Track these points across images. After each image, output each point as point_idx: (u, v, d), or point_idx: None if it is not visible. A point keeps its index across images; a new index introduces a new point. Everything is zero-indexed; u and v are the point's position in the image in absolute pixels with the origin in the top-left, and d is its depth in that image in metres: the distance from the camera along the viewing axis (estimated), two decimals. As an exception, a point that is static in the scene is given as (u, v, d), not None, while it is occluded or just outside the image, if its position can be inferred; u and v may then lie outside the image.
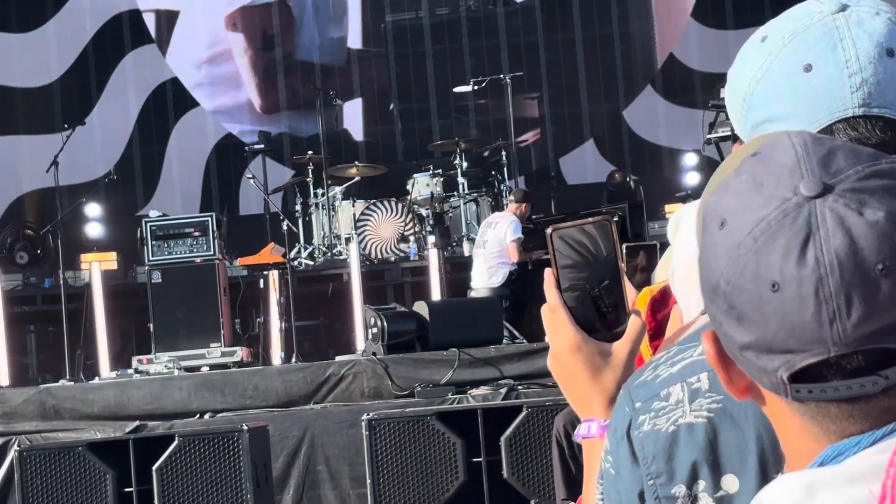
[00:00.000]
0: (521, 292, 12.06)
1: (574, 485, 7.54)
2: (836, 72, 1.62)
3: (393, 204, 13.39)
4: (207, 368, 11.56)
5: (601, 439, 1.76)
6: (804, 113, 1.63)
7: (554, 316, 1.78)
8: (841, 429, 1.23)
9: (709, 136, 12.63)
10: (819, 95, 1.62)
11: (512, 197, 12.63)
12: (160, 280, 12.23)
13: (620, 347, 1.78)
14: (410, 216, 13.35)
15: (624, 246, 5.06)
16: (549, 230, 1.76)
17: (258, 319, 12.68)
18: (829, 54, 1.63)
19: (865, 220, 1.19)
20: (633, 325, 1.78)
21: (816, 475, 1.22)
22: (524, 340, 10.91)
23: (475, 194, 13.57)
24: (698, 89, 15.76)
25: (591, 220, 1.78)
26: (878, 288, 1.18)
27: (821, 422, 1.24)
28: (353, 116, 17.00)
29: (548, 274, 1.77)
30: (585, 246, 1.76)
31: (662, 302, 2.78)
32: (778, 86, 1.65)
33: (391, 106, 14.28)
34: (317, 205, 13.57)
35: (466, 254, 13.34)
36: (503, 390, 9.70)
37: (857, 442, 1.22)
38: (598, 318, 1.77)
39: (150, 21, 16.84)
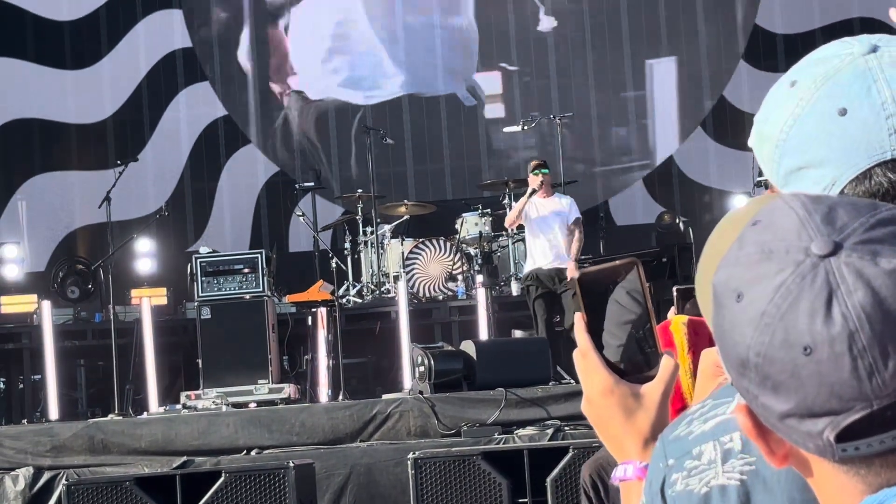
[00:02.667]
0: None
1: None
2: (871, 114, 1.61)
3: (441, 243, 13.41)
4: (255, 405, 11.59)
5: (637, 482, 1.76)
6: (841, 157, 1.62)
7: (586, 360, 1.78)
8: (886, 480, 1.22)
9: (759, 178, 12.58)
10: (856, 139, 1.61)
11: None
12: (209, 316, 12.28)
13: (653, 389, 1.78)
14: (459, 255, 13.37)
15: (675, 289, 5.05)
16: (577, 274, 1.77)
17: (306, 356, 12.71)
18: (863, 97, 1.61)
19: (882, 269, 1.19)
20: (666, 366, 1.78)
21: None
22: (571, 381, 10.89)
23: (523, 234, 13.57)
24: (749, 131, 15.69)
25: (618, 262, 1.78)
26: None
27: (865, 476, 1.23)
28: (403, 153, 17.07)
29: (578, 318, 1.77)
30: (616, 288, 1.77)
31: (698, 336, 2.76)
32: (812, 131, 1.63)
33: (384, 138, 14.38)
34: (365, 243, 13.61)
35: (514, 293, 13.33)
36: (550, 431, 9.68)
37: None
38: (635, 355, 1.77)
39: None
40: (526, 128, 14.53)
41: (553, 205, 12.32)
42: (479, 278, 12.96)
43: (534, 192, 12.27)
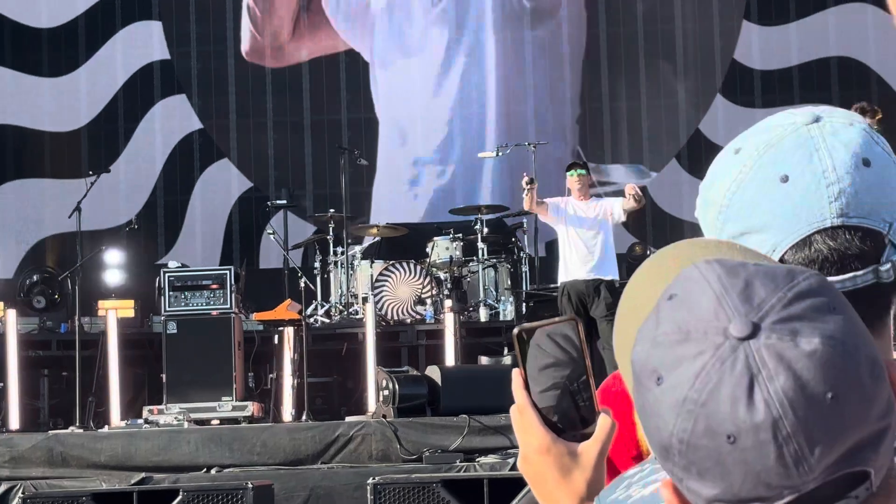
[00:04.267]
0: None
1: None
2: (813, 182, 1.61)
3: (411, 266, 13.40)
4: (218, 422, 11.54)
5: None
6: (782, 224, 1.62)
7: (523, 417, 1.76)
8: None
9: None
10: (797, 206, 1.61)
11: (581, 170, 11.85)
12: (175, 331, 12.24)
13: (590, 448, 1.76)
14: (428, 279, 13.35)
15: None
16: (515, 330, 1.76)
17: (271, 375, 12.66)
18: (805, 164, 1.62)
19: (802, 350, 1.18)
20: (603, 424, 1.76)
21: None
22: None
23: (494, 260, 13.57)
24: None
25: (557, 319, 1.76)
26: (834, 416, 1.17)
27: None
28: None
29: (515, 374, 1.76)
30: (555, 345, 1.76)
31: None
32: (755, 197, 1.63)
33: (358, 158, 14.35)
34: (336, 263, 13.59)
35: (483, 319, 13.31)
36: (511, 460, 9.65)
37: None
38: (572, 413, 1.76)
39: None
40: (500, 153, 14.53)
41: (592, 209, 11.62)
42: (448, 303, 12.94)
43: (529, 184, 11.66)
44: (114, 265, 14.82)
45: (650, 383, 1.23)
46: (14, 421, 12.05)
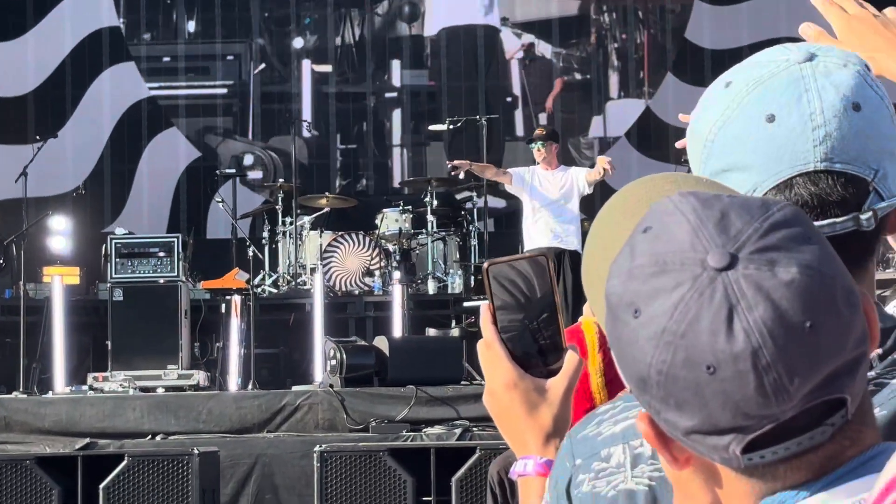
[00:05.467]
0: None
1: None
2: (799, 124, 1.58)
3: (360, 237, 13.37)
4: (163, 390, 11.48)
5: (537, 477, 1.73)
6: (765, 164, 1.59)
7: (490, 352, 1.75)
8: (788, 483, 1.21)
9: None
10: (781, 147, 1.59)
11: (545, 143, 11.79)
12: (121, 298, 12.15)
13: (557, 384, 1.75)
14: (377, 251, 13.32)
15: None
16: (485, 265, 1.75)
17: (217, 344, 12.61)
18: (793, 105, 1.59)
19: (780, 280, 1.17)
20: (570, 361, 1.75)
21: None
22: (483, 382, 10.87)
23: (443, 233, 13.56)
24: (672, 144, 15.78)
25: (526, 254, 1.76)
26: (812, 345, 1.17)
27: (769, 481, 1.22)
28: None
29: (484, 309, 1.74)
30: (523, 281, 1.75)
31: None
32: (739, 134, 1.61)
33: (309, 128, 14.36)
34: (284, 233, 13.54)
35: (431, 292, 13.31)
36: (458, 431, 9.66)
37: (795, 494, 1.20)
38: (537, 352, 1.75)
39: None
40: (451, 126, 14.51)
41: (558, 179, 11.69)
42: (397, 275, 12.93)
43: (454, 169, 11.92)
44: (60, 232, 14.68)
45: (627, 316, 1.22)
46: (-43, 386, 11.95)
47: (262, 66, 14.32)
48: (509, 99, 17.22)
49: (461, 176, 12.09)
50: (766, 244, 1.19)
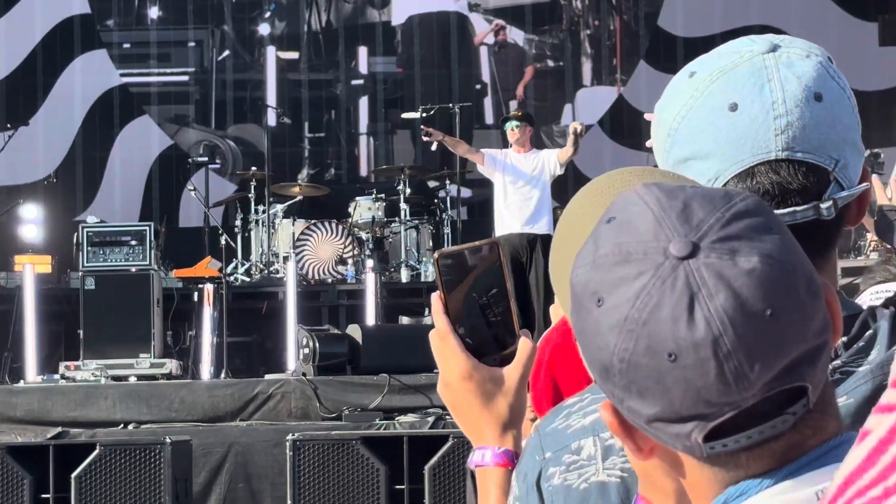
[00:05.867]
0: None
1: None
2: (761, 113, 1.59)
3: (333, 225, 13.35)
4: (135, 379, 11.46)
5: (495, 467, 1.73)
6: (727, 152, 1.60)
7: (443, 343, 1.74)
8: (751, 471, 1.22)
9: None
10: (743, 136, 1.60)
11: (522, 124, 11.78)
12: (93, 287, 12.11)
13: (511, 372, 1.75)
14: (350, 239, 13.31)
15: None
16: (435, 255, 1.75)
17: (190, 333, 12.59)
18: (755, 95, 1.60)
19: (741, 268, 1.18)
20: (524, 347, 1.75)
21: None
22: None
23: (416, 221, 13.55)
24: (645, 132, 15.75)
25: (477, 243, 1.76)
26: (772, 333, 1.18)
27: (731, 469, 1.23)
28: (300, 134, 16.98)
29: (435, 299, 1.74)
30: (475, 269, 1.74)
31: None
32: (702, 123, 1.62)
33: (281, 116, 14.36)
34: (257, 221, 13.51)
35: (404, 280, 13.31)
36: (431, 419, 9.67)
37: (759, 482, 1.21)
38: (490, 339, 1.74)
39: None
40: (424, 114, 14.49)
41: (530, 162, 11.65)
42: (370, 263, 12.92)
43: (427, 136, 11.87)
44: (31, 220, 14.62)
45: (590, 305, 1.22)
46: (-73, 375, 11.89)
47: (227, 52, 14.28)
48: (479, 86, 17.20)
49: (433, 147, 12.06)
50: (728, 234, 1.20)
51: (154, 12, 16.97)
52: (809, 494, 1.18)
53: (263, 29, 17.08)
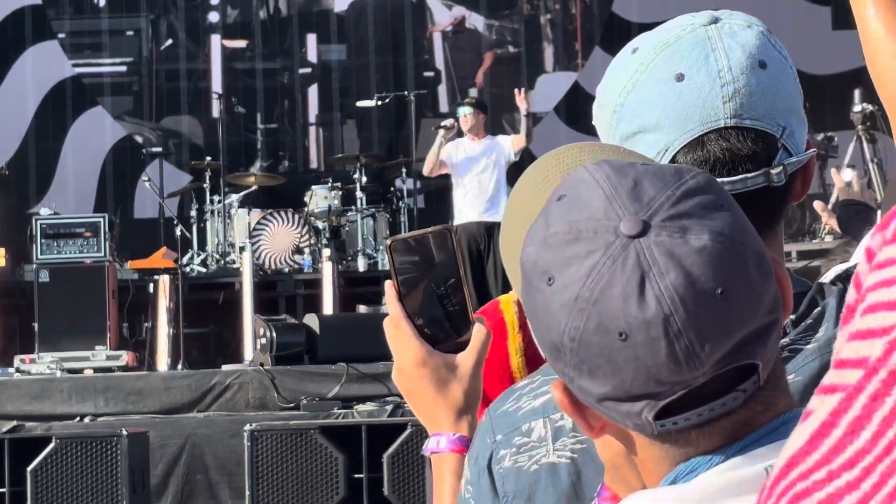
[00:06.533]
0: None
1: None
2: (708, 81, 1.60)
3: (289, 215, 13.31)
4: (91, 371, 11.40)
5: (450, 454, 1.73)
6: (675, 122, 1.60)
7: (398, 330, 1.75)
8: (701, 448, 1.22)
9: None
10: (691, 105, 1.60)
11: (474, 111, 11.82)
12: (48, 279, 12.04)
13: (466, 358, 1.75)
14: (307, 228, 13.27)
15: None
16: (387, 241, 1.74)
17: (146, 324, 12.53)
18: (701, 64, 1.60)
19: (692, 247, 1.18)
20: (478, 334, 1.75)
21: (665, 495, 1.20)
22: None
23: (373, 210, 13.53)
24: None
25: (429, 229, 1.75)
26: (723, 312, 1.17)
27: (682, 446, 1.22)
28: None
29: (388, 286, 1.74)
30: (427, 255, 1.74)
31: None
32: (649, 96, 1.62)
33: (236, 105, 14.38)
34: (212, 212, 13.45)
35: (361, 269, 13.28)
36: (389, 407, 9.66)
37: (709, 459, 1.20)
38: (444, 325, 1.74)
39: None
40: (380, 102, 14.47)
41: (485, 149, 11.67)
42: (326, 252, 12.89)
43: (446, 128, 11.73)
44: (-17, 213, 14.52)
45: (541, 284, 1.21)
46: None
47: (169, 42, 14.21)
48: (432, 73, 17.16)
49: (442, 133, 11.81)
50: (679, 211, 1.19)
51: (102, 1, 16.86)
52: (759, 470, 1.18)
53: (211, 17, 16.98)
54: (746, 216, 1.24)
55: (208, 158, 13.78)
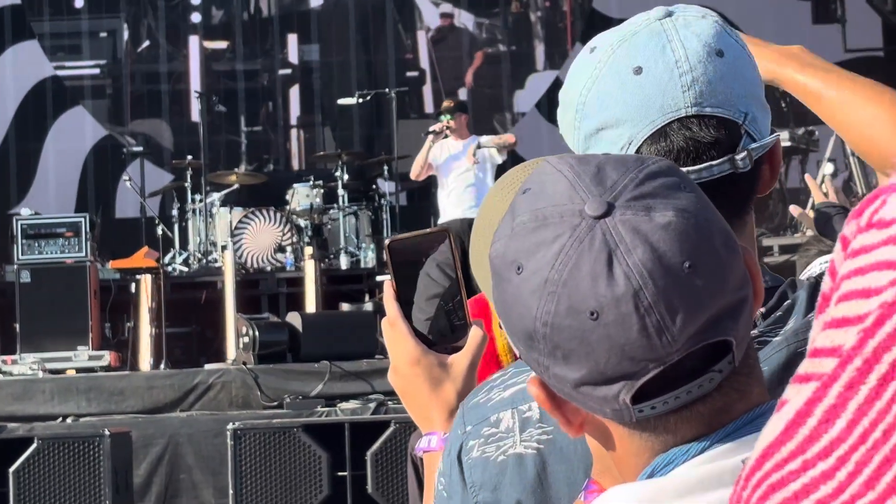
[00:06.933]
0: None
1: None
2: (666, 72, 1.60)
3: (271, 213, 13.29)
4: (73, 371, 11.37)
5: (441, 453, 1.74)
6: (637, 115, 1.61)
7: (394, 329, 1.77)
8: (679, 437, 1.22)
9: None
10: (651, 97, 1.61)
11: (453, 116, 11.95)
12: (29, 280, 12.00)
13: (460, 359, 1.77)
14: (289, 226, 13.26)
15: None
16: (386, 241, 1.77)
17: (128, 324, 12.49)
18: (658, 56, 1.61)
19: (657, 223, 1.18)
20: (474, 336, 1.77)
21: (643, 489, 1.20)
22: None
23: (355, 207, 13.52)
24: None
25: (429, 231, 1.77)
26: (692, 285, 1.18)
27: (661, 434, 1.22)
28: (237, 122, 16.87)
29: (387, 286, 1.75)
30: (426, 253, 1.76)
31: None
32: (609, 91, 1.63)
33: (216, 104, 14.38)
34: (194, 210, 13.42)
35: (343, 267, 13.27)
36: (372, 405, 9.66)
37: (686, 450, 1.20)
38: (441, 326, 1.77)
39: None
40: (361, 100, 14.46)
41: (467, 147, 11.78)
42: (309, 250, 12.87)
43: (435, 133, 11.87)
44: (-36, 214, 14.48)
45: (510, 274, 1.22)
46: None
47: (147, 42, 14.19)
48: (416, 73, 17.14)
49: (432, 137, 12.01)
50: (642, 192, 1.20)
51: (80, 2, 16.81)
52: (736, 462, 1.18)
53: (193, 18, 16.94)
54: (715, 206, 1.25)
55: (189, 157, 13.75)
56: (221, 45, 16.99)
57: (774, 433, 0.96)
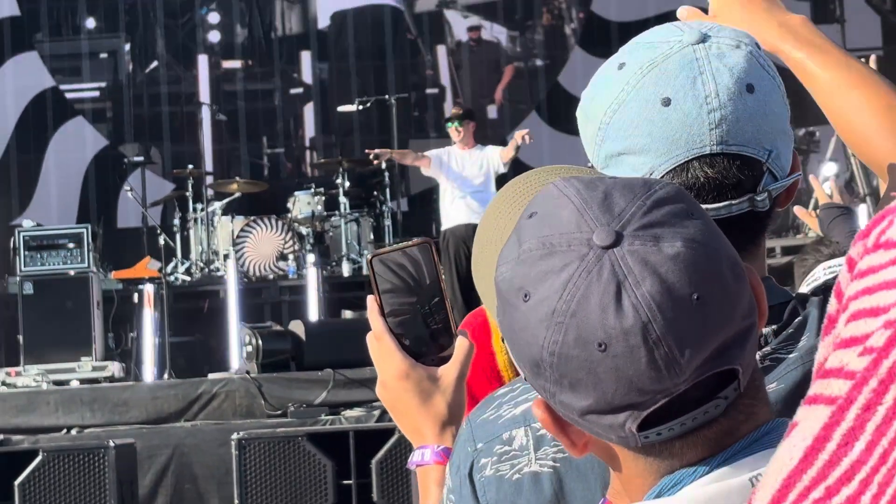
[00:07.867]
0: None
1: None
2: (694, 107, 1.59)
3: (273, 221, 13.28)
4: (77, 383, 11.36)
5: (435, 465, 1.73)
6: (661, 147, 1.60)
7: (380, 343, 1.75)
8: (685, 460, 1.21)
9: (590, 165, 12.67)
10: (677, 131, 1.59)
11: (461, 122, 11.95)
12: (32, 291, 12.00)
13: (449, 371, 1.75)
14: (290, 234, 13.25)
15: None
16: (368, 256, 1.77)
17: (131, 334, 12.49)
18: (688, 89, 1.59)
19: (666, 254, 1.18)
20: (461, 347, 1.76)
21: None
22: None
23: (356, 214, 13.51)
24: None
25: (410, 243, 1.76)
26: (700, 317, 1.17)
27: (666, 458, 1.22)
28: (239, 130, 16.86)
29: (371, 301, 1.74)
30: (408, 269, 1.75)
31: None
32: (635, 118, 1.61)
33: (217, 113, 14.40)
34: (196, 220, 13.42)
35: (346, 274, 13.27)
36: (377, 412, 9.64)
37: (693, 471, 1.20)
38: (427, 339, 1.75)
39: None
40: (361, 107, 14.45)
41: (475, 158, 11.82)
42: (311, 258, 12.87)
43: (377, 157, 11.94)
44: (-34, 226, 14.48)
45: (517, 301, 1.21)
46: None
47: (155, 64, 14.20)
48: (437, 90, 17.11)
49: (383, 166, 12.18)
50: (650, 220, 1.20)
51: (91, 23, 16.82)
52: (744, 481, 1.17)
53: (199, 37, 16.93)
54: (729, 238, 1.24)
55: (190, 166, 13.74)
56: (230, 64, 16.98)
57: (794, 460, 0.95)
